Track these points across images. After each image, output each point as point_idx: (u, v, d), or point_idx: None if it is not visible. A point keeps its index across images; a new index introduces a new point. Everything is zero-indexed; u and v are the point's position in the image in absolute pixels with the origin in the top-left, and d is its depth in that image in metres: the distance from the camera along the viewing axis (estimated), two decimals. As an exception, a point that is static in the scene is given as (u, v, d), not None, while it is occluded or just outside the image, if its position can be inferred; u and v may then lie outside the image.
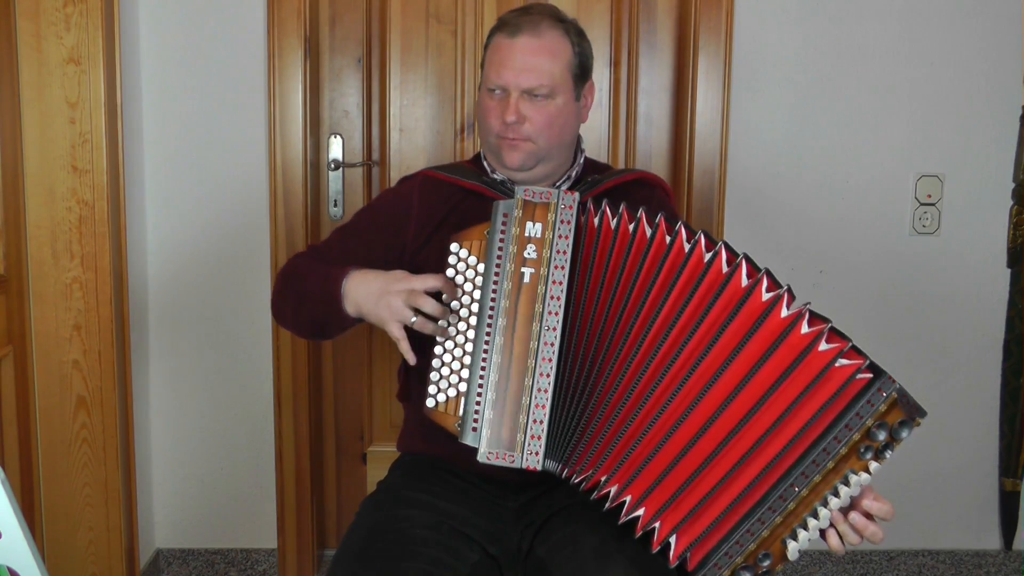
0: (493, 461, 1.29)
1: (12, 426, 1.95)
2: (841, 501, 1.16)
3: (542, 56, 1.44)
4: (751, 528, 1.17)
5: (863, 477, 1.16)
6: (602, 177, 1.53)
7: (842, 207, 2.31)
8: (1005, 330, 2.37)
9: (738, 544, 1.18)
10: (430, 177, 1.56)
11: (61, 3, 1.94)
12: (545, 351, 1.29)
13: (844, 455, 1.15)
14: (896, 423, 1.15)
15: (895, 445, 1.16)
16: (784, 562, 1.19)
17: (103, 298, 2.03)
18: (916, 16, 2.25)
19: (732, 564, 1.18)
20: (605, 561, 1.27)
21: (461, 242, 1.35)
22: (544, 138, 1.46)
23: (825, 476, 1.16)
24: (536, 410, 1.29)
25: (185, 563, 2.38)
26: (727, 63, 2.20)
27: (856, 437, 1.15)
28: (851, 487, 1.16)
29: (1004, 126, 2.30)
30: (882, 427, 1.15)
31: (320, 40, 2.27)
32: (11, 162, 1.94)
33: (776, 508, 1.16)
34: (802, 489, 1.16)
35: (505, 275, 1.31)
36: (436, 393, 1.33)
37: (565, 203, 1.32)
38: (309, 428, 2.31)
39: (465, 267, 1.34)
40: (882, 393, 1.14)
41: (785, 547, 1.18)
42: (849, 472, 1.16)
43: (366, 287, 1.38)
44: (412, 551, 1.32)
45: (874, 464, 1.16)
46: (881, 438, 1.15)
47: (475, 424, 1.30)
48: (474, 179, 1.52)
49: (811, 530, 1.18)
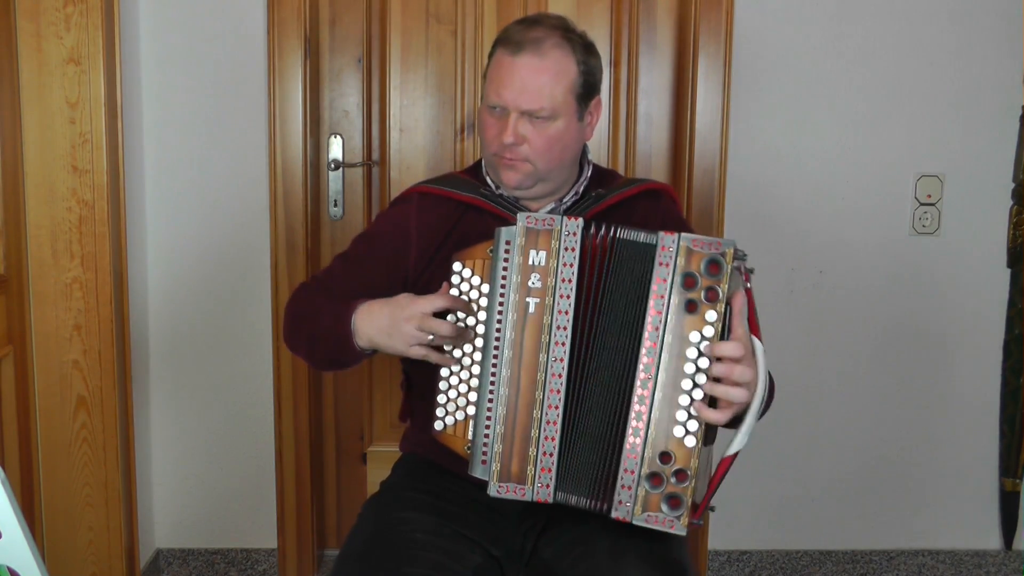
0: (504, 495, 1.28)
1: (12, 426, 1.95)
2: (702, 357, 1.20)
3: (544, 77, 1.39)
4: (634, 437, 1.22)
5: (706, 331, 1.20)
6: (606, 192, 1.50)
7: (842, 207, 2.31)
8: (1005, 330, 2.37)
9: (631, 457, 1.22)
10: (426, 194, 1.53)
11: (61, 3, 1.94)
12: (553, 382, 1.27)
13: (673, 324, 1.20)
14: (702, 265, 1.19)
15: (720, 285, 1.19)
16: (692, 455, 1.21)
17: (103, 298, 2.03)
18: (916, 16, 2.25)
19: (637, 482, 1.21)
20: (619, 560, 1.27)
21: (464, 261, 1.33)
22: (543, 161, 1.43)
23: (668, 350, 1.21)
24: (546, 442, 1.27)
25: (185, 563, 2.38)
26: (727, 63, 2.20)
27: (675, 300, 1.20)
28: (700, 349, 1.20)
29: (1004, 126, 2.30)
30: (690, 276, 1.19)
31: (320, 40, 2.27)
32: (11, 162, 1.94)
33: (644, 407, 1.21)
34: (658, 373, 1.21)
35: (509, 305, 1.28)
36: (444, 416, 1.32)
37: (568, 230, 1.27)
38: (309, 428, 2.31)
39: (469, 287, 1.32)
40: (665, 251, 1.21)
41: (681, 440, 1.21)
42: (690, 334, 1.20)
43: (376, 322, 1.35)
44: (413, 555, 1.31)
45: (711, 313, 1.19)
46: (700, 285, 1.19)
47: (484, 457, 1.29)
48: (472, 191, 1.49)
49: (687, 410, 1.21)
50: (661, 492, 1.21)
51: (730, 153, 2.24)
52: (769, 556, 2.44)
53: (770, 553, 2.44)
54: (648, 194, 1.54)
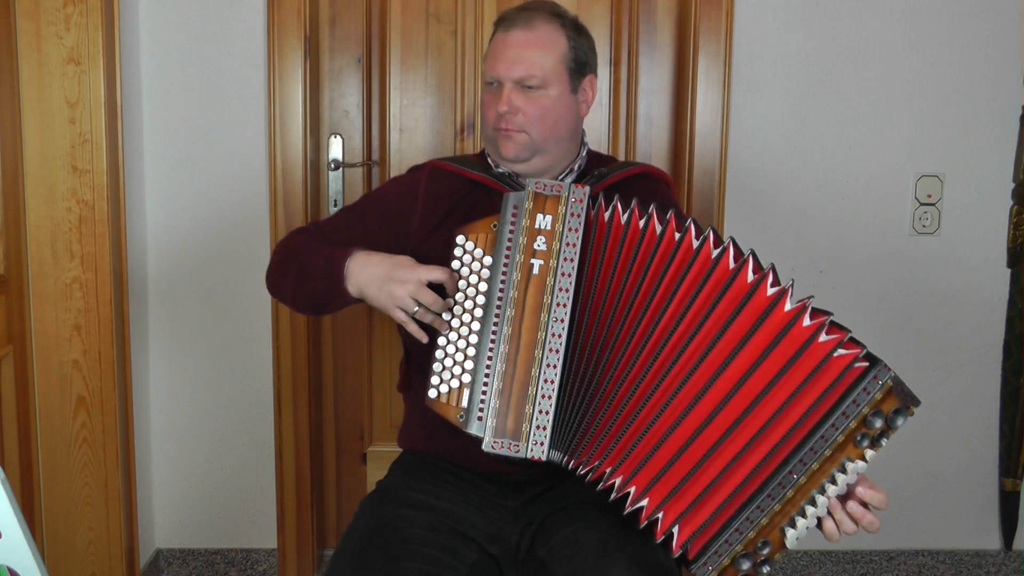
0: (498, 450, 1.29)
1: (12, 426, 1.95)
2: (838, 489, 1.17)
3: (532, 48, 1.46)
4: (750, 516, 1.18)
5: (859, 465, 1.16)
6: (608, 171, 1.53)
7: (842, 207, 2.31)
8: (1005, 330, 2.37)
9: (738, 532, 1.18)
10: (438, 168, 1.56)
11: (61, 3, 1.94)
12: (552, 342, 1.29)
13: (841, 443, 1.16)
14: (891, 411, 1.16)
15: (890, 433, 1.17)
16: (783, 550, 1.20)
17: (103, 298, 2.03)
18: (916, 15, 2.25)
19: (732, 552, 1.19)
20: (605, 560, 1.27)
21: (468, 234, 1.36)
22: (537, 129, 1.47)
23: (822, 464, 1.16)
24: (542, 400, 1.29)
25: (185, 563, 2.38)
26: (727, 63, 2.20)
27: (852, 425, 1.15)
28: (848, 475, 1.16)
29: (1004, 126, 2.30)
30: (878, 415, 1.16)
31: (320, 40, 2.27)
32: (11, 162, 1.94)
33: (775, 496, 1.17)
34: (800, 477, 1.16)
35: (514, 266, 1.31)
36: (438, 384, 1.34)
37: (576, 196, 1.32)
38: (309, 428, 2.31)
39: (471, 259, 1.35)
40: (878, 380, 1.15)
41: (784, 535, 1.19)
42: (846, 460, 1.17)
43: (370, 270, 1.39)
44: (410, 551, 1.32)
45: (870, 452, 1.16)
46: (877, 426, 1.16)
47: (480, 413, 1.30)
48: (482, 172, 1.53)
49: (809, 517, 1.18)
50: (743, 571, 1.21)
51: (730, 153, 2.24)
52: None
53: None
54: (647, 177, 1.58)
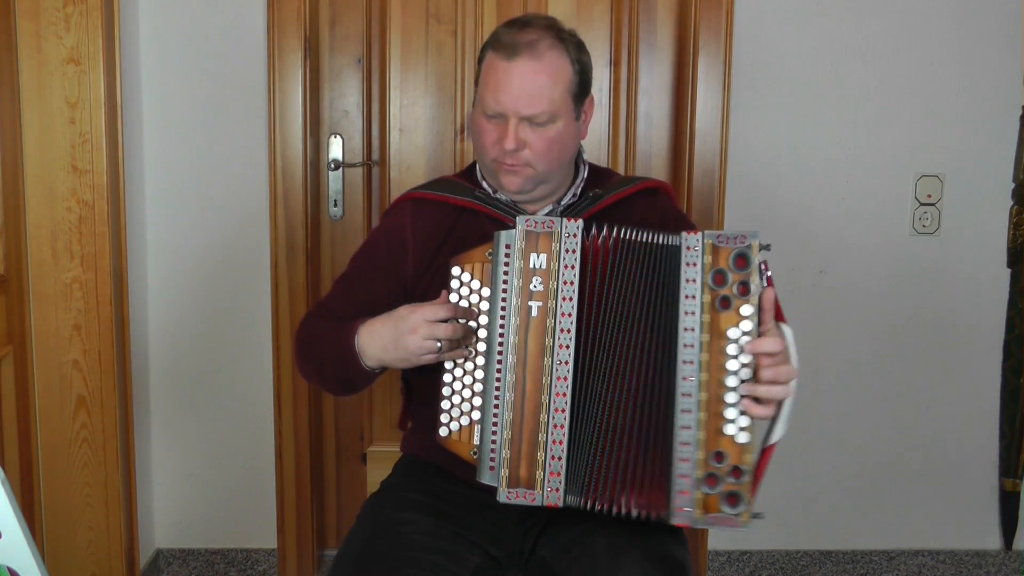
0: (514, 500, 1.27)
1: (12, 426, 1.95)
2: (740, 361, 1.20)
3: (542, 80, 1.37)
4: (684, 440, 1.21)
5: (744, 325, 1.20)
6: (603, 192, 1.49)
7: (842, 207, 2.31)
8: (1005, 330, 2.37)
9: (683, 461, 1.21)
10: (419, 200, 1.51)
11: (61, 3, 1.94)
12: (559, 386, 1.26)
13: (708, 323, 1.20)
14: (730, 260, 1.19)
15: (751, 278, 1.19)
16: (747, 454, 1.21)
17: (103, 298, 2.03)
18: (916, 16, 2.25)
19: (695, 483, 1.21)
20: (618, 559, 1.26)
21: (463, 265, 1.32)
22: (544, 163, 1.41)
23: (708, 352, 1.21)
24: (553, 446, 1.26)
25: (185, 563, 2.38)
26: (727, 63, 2.20)
27: (707, 299, 1.20)
28: (739, 343, 1.20)
29: (1004, 126, 2.30)
30: (720, 273, 1.19)
31: (320, 40, 2.27)
32: (11, 162, 1.94)
33: (689, 408, 1.21)
34: (695, 377, 1.21)
35: (512, 310, 1.27)
36: (449, 422, 1.31)
37: (569, 231, 1.27)
38: (309, 428, 2.31)
39: (468, 291, 1.31)
40: (690, 251, 1.21)
41: (732, 437, 1.21)
42: (728, 331, 1.20)
43: (379, 340, 1.34)
44: (411, 557, 1.31)
45: (746, 307, 1.20)
46: (730, 281, 1.19)
47: (492, 463, 1.27)
48: (466, 195, 1.48)
49: (737, 405, 1.21)
50: (719, 492, 1.22)
51: (730, 153, 2.24)
52: (769, 556, 2.44)
53: (770, 553, 2.44)
54: (645, 192, 1.53)
